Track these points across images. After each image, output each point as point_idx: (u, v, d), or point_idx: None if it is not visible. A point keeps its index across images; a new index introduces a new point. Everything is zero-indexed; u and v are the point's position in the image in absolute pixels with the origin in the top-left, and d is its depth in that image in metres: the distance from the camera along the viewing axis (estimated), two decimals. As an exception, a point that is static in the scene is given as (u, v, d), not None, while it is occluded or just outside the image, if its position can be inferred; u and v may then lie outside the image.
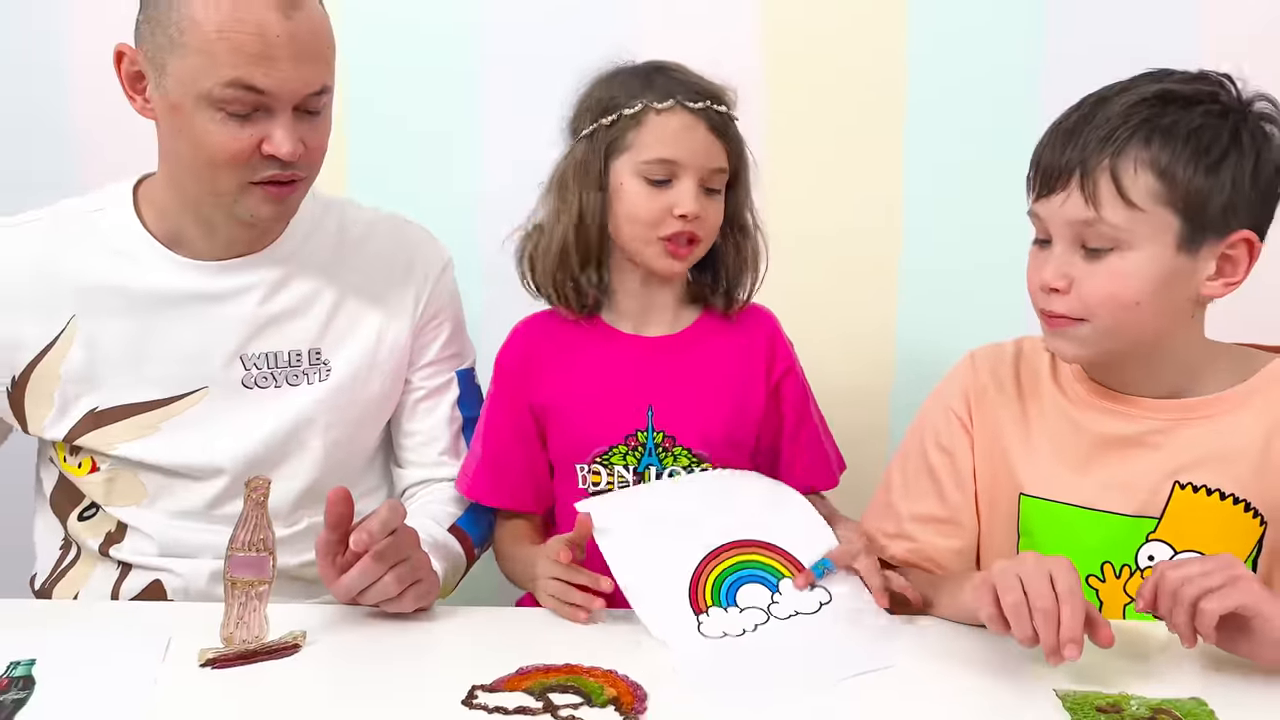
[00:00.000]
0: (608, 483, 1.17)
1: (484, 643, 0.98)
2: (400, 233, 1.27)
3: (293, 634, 0.95)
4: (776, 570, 1.03)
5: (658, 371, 1.19)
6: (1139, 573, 1.01)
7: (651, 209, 1.13)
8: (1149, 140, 0.94)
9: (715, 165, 1.14)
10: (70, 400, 1.14)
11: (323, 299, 1.19)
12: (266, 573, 0.93)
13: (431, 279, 1.25)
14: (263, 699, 0.87)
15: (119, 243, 1.14)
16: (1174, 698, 0.84)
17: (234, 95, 1.03)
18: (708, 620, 0.97)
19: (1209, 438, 1.01)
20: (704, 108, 1.12)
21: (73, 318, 1.13)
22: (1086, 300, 0.97)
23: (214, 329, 1.15)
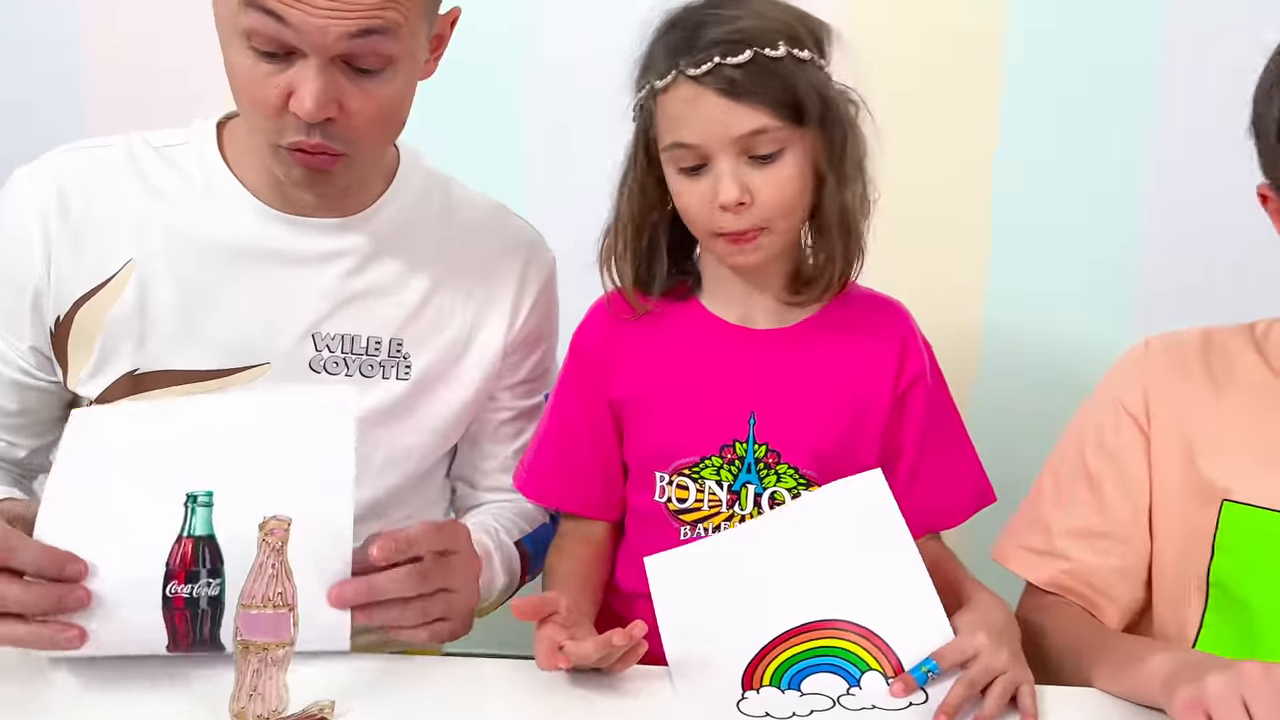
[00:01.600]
0: (695, 499, 0.99)
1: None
2: (510, 227, 1.12)
3: (319, 704, 0.78)
4: (861, 661, 0.85)
5: (763, 372, 1.00)
6: None
7: (694, 203, 0.94)
8: None
9: (746, 130, 0.91)
10: (110, 354, 1.00)
11: (415, 284, 1.04)
12: (286, 634, 0.76)
13: (538, 285, 1.10)
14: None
15: (198, 183, 1.00)
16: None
17: (254, 22, 0.86)
18: (754, 698, 0.81)
19: None
20: (711, 70, 0.90)
21: (129, 261, 0.98)
22: None
23: (289, 296, 1.00)
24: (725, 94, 0.90)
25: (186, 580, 0.81)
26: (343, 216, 1.01)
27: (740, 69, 0.90)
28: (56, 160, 1.01)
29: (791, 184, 0.93)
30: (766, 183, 0.92)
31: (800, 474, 0.99)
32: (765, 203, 0.92)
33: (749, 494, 0.99)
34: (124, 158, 1.01)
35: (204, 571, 0.81)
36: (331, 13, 0.84)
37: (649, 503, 1.01)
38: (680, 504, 1.00)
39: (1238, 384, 0.94)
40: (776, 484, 0.99)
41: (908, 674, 0.82)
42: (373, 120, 0.92)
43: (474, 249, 1.08)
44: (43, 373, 1.02)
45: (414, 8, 0.89)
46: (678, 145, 0.93)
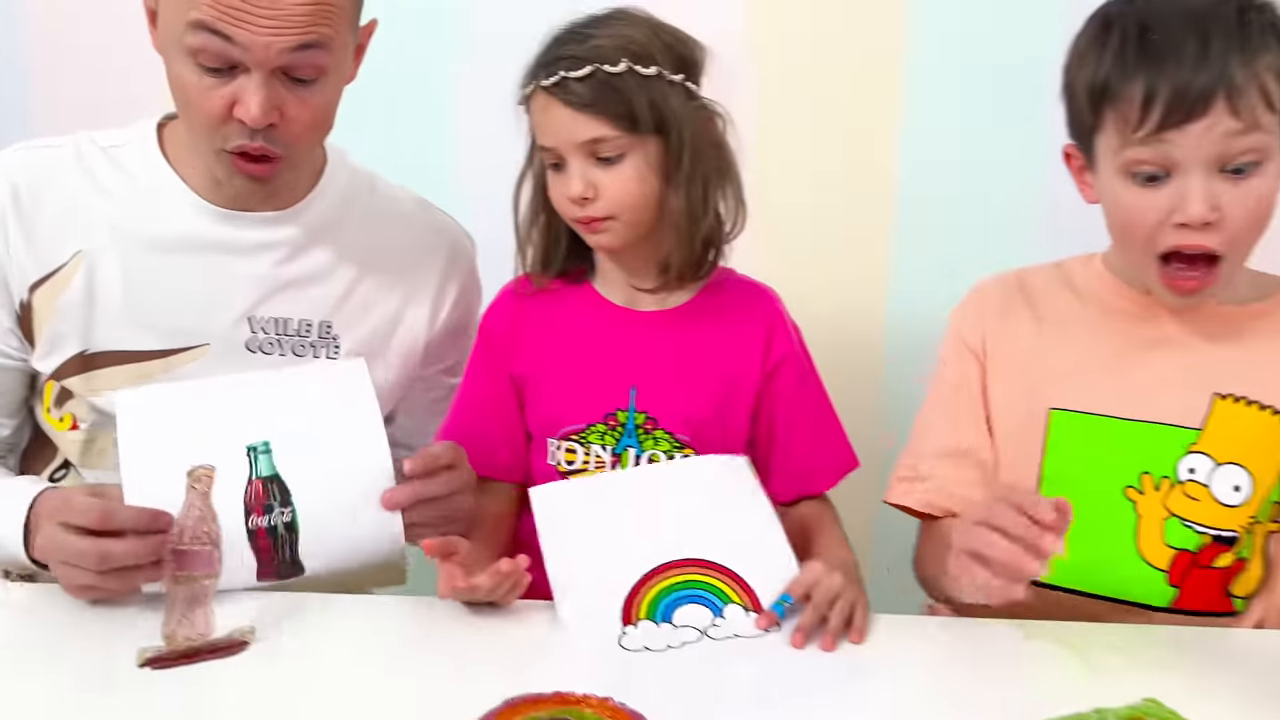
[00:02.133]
0: (583, 461, 1.11)
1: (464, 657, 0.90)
2: (433, 221, 1.21)
3: (240, 630, 0.89)
4: (723, 594, 0.96)
5: (644, 349, 1.12)
6: (1178, 486, 0.99)
7: (555, 195, 1.07)
8: (1268, 44, 0.91)
9: (587, 137, 1.03)
10: (60, 336, 1.09)
11: (342, 272, 1.14)
12: (213, 567, 0.87)
13: (460, 277, 1.21)
14: (207, 701, 0.81)
15: (140, 179, 1.09)
16: (1133, 703, 0.81)
17: (201, 42, 0.96)
18: (633, 633, 0.93)
19: (1245, 349, 1.00)
20: (557, 82, 1.02)
21: (78, 253, 1.08)
22: (1235, 227, 0.92)
23: (227, 283, 1.09)
24: (569, 105, 1.03)
25: (264, 513, 0.95)
26: (275, 210, 1.10)
27: (581, 83, 1.02)
28: (10, 158, 1.10)
29: (630, 183, 1.05)
30: (609, 181, 1.04)
31: (675, 438, 1.10)
32: (608, 198, 1.05)
33: (630, 456, 1.10)
34: (72, 157, 1.10)
35: (276, 504, 0.96)
36: (273, 31, 0.95)
37: (543, 466, 1.13)
38: (569, 466, 1.11)
39: (1052, 313, 1.08)
40: (654, 447, 1.10)
41: (769, 610, 0.94)
42: (308, 125, 1.03)
43: (399, 241, 1.17)
44: (20, 352, 1.11)
45: (342, 23, 1.01)
46: (541, 148, 1.07)
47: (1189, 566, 1.00)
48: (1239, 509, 0.99)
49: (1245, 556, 1.01)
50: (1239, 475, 0.99)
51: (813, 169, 1.63)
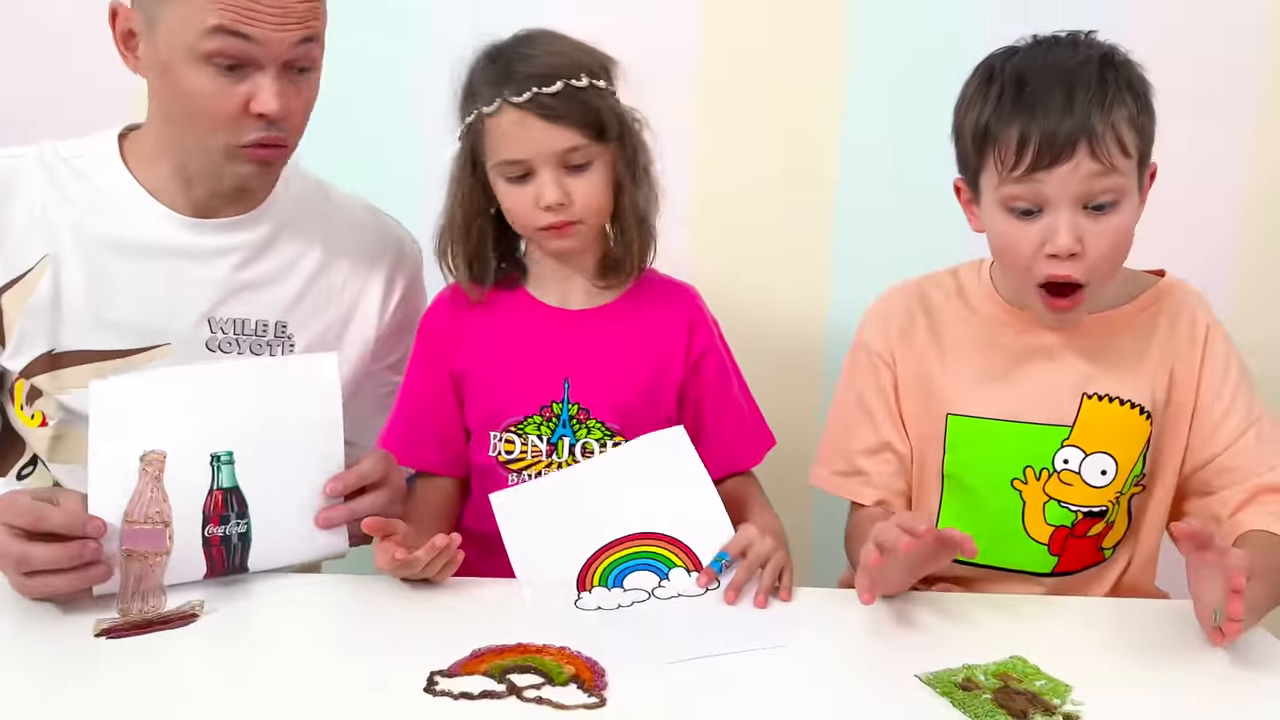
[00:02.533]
0: (520, 451, 1.18)
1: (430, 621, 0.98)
2: (383, 226, 1.28)
3: (190, 604, 0.96)
4: (669, 560, 1.06)
5: (576, 344, 1.19)
6: (1055, 475, 1.13)
7: (520, 205, 1.13)
8: (1123, 98, 1.03)
9: (563, 147, 1.10)
10: (27, 336, 1.14)
11: (297, 274, 1.20)
12: (163, 544, 0.95)
13: (406, 279, 1.27)
14: (158, 668, 0.88)
15: (103, 188, 1.14)
16: (1001, 660, 0.90)
17: (220, 44, 1.03)
18: (587, 597, 1.01)
19: (1108, 351, 1.14)
20: (530, 98, 1.08)
21: (44, 257, 1.12)
22: (1097, 256, 1.04)
23: (187, 286, 1.15)
24: (544, 117, 1.09)
25: (220, 523, 1.00)
26: (232, 217, 1.16)
27: (554, 97, 1.09)
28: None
29: (600, 188, 1.14)
30: (581, 188, 1.12)
31: (606, 427, 1.18)
32: (580, 203, 1.12)
33: (564, 445, 1.18)
34: (36, 165, 1.14)
35: (233, 515, 1.01)
36: (284, 26, 1.04)
37: (484, 458, 1.20)
38: (508, 455, 1.19)
39: (947, 324, 1.20)
40: (587, 436, 1.18)
41: (708, 566, 1.04)
42: (304, 110, 1.11)
43: (349, 245, 1.23)
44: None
45: (323, 21, 1.11)
46: (507, 161, 1.11)
47: (1066, 538, 1.15)
48: (1106, 489, 1.14)
49: (1112, 521, 1.16)
50: (1105, 462, 1.13)
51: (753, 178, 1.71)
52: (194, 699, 0.84)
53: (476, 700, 0.83)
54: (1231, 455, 1.12)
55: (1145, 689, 0.88)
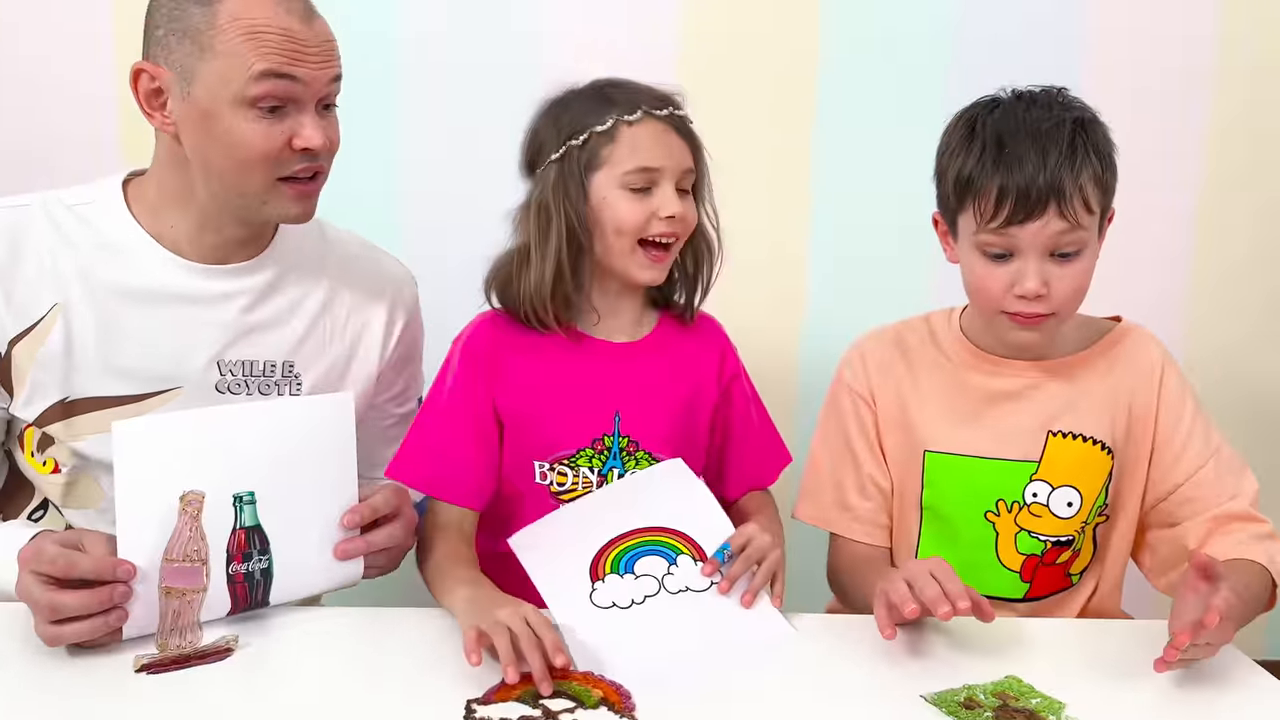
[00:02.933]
0: (572, 483, 1.22)
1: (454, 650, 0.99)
2: (379, 263, 1.32)
3: (225, 639, 1.00)
4: (676, 548, 1.12)
5: (624, 377, 1.23)
6: (1025, 508, 1.23)
7: (636, 216, 1.17)
8: (1087, 160, 1.13)
9: (687, 166, 1.19)
10: (41, 386, 1.15)
11: (301, 314, 1.23)
12: (200, 582, 0.98)
13: (405, 313, 1.31)
14: (197, 702, 0.91)
15: (110, 235, 1.16)
16: (997, 679, 0.98)
17: (268, 88, 1.07)
18: (601, 588, 1.06)
19: (1070, 392, 1.23)
20: (669, 114, 1.18)
21: (54, 306, 1.14)
22: (1059, 298, 1.15)
23: (196, 331, 1.17)
24: (679, 133, 1.19)
25: (243, 560, 1.03)
26: (236, 263, 1.19)
27: (682, 118, 1.20)
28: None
29: (694, 210, 1.21)
30: (688, 209, 1.19)
31: (654, 457, 1.23)
32: (685, 223, 1.20)
33: (613, 476, 1.22)
34: (41, 215, 1.16)
35: (255, 553, 1.04)
36: (323, 65, 1.11)
37: (530, 485, 1.22)
38: (560, 487, 1.22)
39: (924, 367, 1.28)
40: (635, 467, 1.22)
41: (712, 556, 1.10)
42: (337, 142, 1.16)
43: (352, 284, 1.27)
44: (0, 402, 1.17)
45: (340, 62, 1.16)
46: (641, 169, 1.16)
47: (1037, 566, 1.24)
48: (1072, 519, 1.23)
49: (1079, 549, 1.26)
50: (1071, 494, 1.22)
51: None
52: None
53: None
54: (1192, 486, 1.20)
55: (1132, 703, 0.95)
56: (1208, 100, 1.81)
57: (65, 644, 0.96)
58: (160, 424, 1.05)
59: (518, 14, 1.76)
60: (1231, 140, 1.81)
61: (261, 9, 1.07)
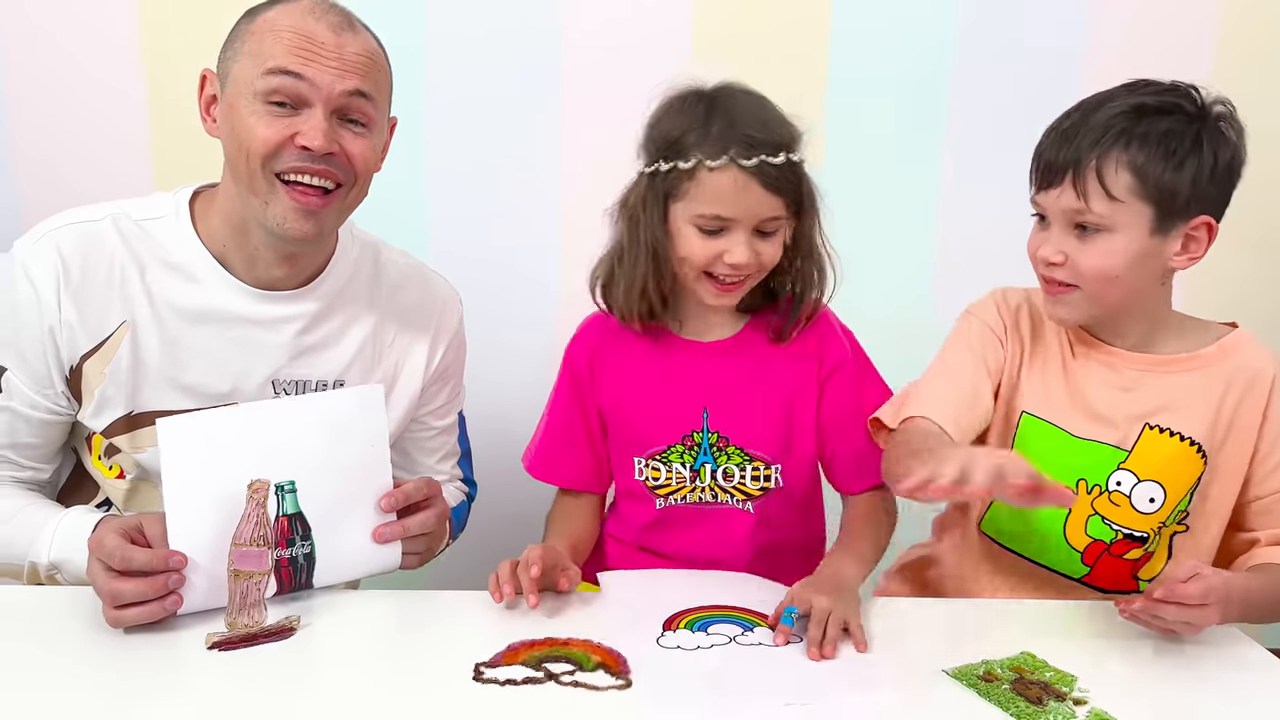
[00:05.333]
0: (666, 478, 1.28)
1: (470, 624, 1.09)
2: (428, 284, 1.36)
3: (288, 618, 1.06)
4: (750, 621, 1.10)
5: (713, 376, 1.27)
6: (1106, 494, 1.22)
7: (703, 255, 1.18)
8: (1128, 145, 1.13)
9: (768, 215, 1.17)
10: (107, 400, 1.20)
11: (352, 335, 1.28)
12: (265, 565, 1.04)
13: (450, 332, 1.36)
14: (263, 676, 0.98)
15: (175, 255, 1.20)
16: (1013, 655, 1.04)
17: (276, 84, 1.11)
18: (670, 635, 1.06)
19: (1175, 390, 1.21)
20: (757, 165, 1.14)
21: (123, 323, 1.19)
22: (1080, 271, 1.16)
23: (254, 352, 1.22)
24: (765, 186, 1.15)
25: (287, 546, 1.10)
26: (294, 289, 1.23)
27: (776, 168, 1.15)
28: (58, 236, 1.17)
29: (776, 253, 1.20)
30: (767, 250, 1.19)
31: (745, 452, 1.26)
32: (761, 264, 1.20)
33: (706, 471, 1.27)
34: (112, 231, 1.19)
35: (298, 538, 1.11)
36: (337, 72, 1.12)
37: (630, 481, 1.30)
38: (655, 482, 1.29)
39: (1041, 339, 1.28)
40: (727, 462, 1.27)
41: (781, 624, 1.06)
42: (362, 160, 1.16)
43: (401, 305, 1.32)
44: (68, 409, 1.22)
45: (382, 91, 1.18)
46: (712, 215, 1.16)
47: (1102, 553, 1.24)
48: (1151, 516, 1.22)
49: (1152, 550, 1.25)
50: (1155, 490, 1.21)
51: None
52: (297, 696, 0.95)
53: (520, 686, 0.96)
54: (1275, 500, 1.21)
55: (1139, 678, 1.02)
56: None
57: (125, 626, 1.04)
58: (202, 420, 1.10)
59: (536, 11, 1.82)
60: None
61: (292, 16, 1.13)
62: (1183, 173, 1.12)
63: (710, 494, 1.28)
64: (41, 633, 1.05)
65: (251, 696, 0.95)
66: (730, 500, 1.28)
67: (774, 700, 0.95)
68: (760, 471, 1.27)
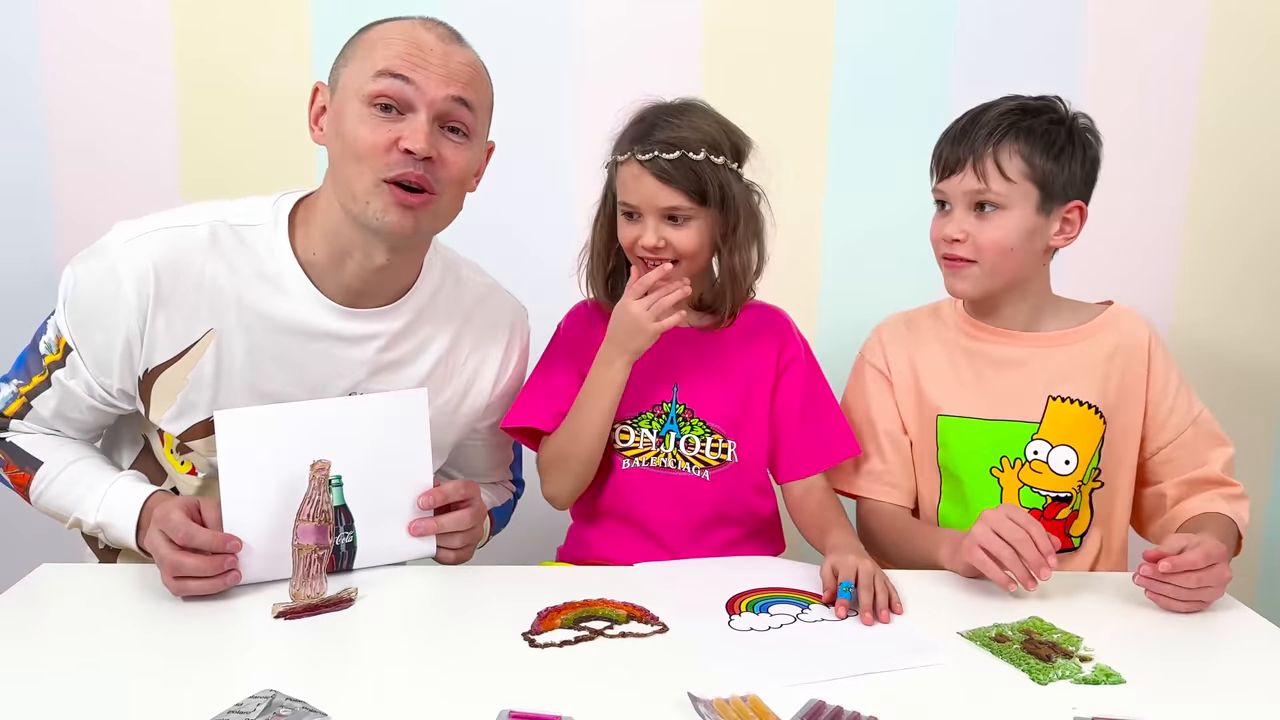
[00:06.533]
0: (634, 441, 1.40)
1: (503, 594, 1.18)
2: (504, 304, 1.41)
3: (347, 590, 1.14)
4: (805, 600, 1.17)
5: (686, 356, 1.41)
6: (1027, 464, 1.38)
7: (625, 237, 1.36)
8: (1017, 136, 1.34)
9: (666, 205, 1.31)
10: (190, 405, 1.24)
11: (428, 354, 1.32)
12: (326, 539, 1.12)
13: (519, 348, 1.43)
14: (326, 643, 1.05)
15: (267, 265, 1.22)
16: (1022, 619, 1.13)
17: (383, 86, 1.15)
18: (739, 619, 1.12)
19: (1067, 362, 1.39)
20: (651, 158, 1.30)
21: (210, 330, 1.21)
22: (979, 246, 1.35)
23: (337, 366, 1.26)
24: (658, 177, 1.31)
25: (332, 535, 1.15)
26: (377, 307, 1.27)
27: (670, 163, 1.30)
28: (152, 242, 1.18)
29: (691, 239, 1.34)
30: (678, 238, 1.33)
31: (706, 425, 1.40)
32: (675, 247, 1.33)
33: (671, 438, 1.40)
34: (206, 238, 1.20)
35: (341, 529, 1.19)
36: (442, 79, 1.16)
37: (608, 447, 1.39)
38: (623, 444, 1.40)
39: (930, 341, 1.46)
40: (690, 432, 1.40)
41: (840, 597, 1.14)
42: (457, 170, 1.19)
43: (476, 319, 1.37)
44: (124, 405, 1.26)
45: (483, 104, 1.23)
46: (624, 203, 1.35)
47: (1039, 519, 1.30)
48: (1069, 477, 1.39)
49: (1077, 509, 1.41)
50: (1068, 453, 1.38)
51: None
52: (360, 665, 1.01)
53: (575, 645, 1.03)
54: (1172, 449, 1.40)
55: (1139, 640, 1.10)
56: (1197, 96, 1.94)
57: (181, 595, 1.11)
58: (258, 414, 1.18)
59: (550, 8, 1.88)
60: (1221, 137, 1.95)
61: (402, 28, 1.18)
62: (1060, 162, 1.34)
63: (672, 460, 1.39)
64: (114, 604, 1.12)
65: (315, 658, 1.02)
66: (689, 469, 1.40)
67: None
68: (719, 444, 1.40)
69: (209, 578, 1.11)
